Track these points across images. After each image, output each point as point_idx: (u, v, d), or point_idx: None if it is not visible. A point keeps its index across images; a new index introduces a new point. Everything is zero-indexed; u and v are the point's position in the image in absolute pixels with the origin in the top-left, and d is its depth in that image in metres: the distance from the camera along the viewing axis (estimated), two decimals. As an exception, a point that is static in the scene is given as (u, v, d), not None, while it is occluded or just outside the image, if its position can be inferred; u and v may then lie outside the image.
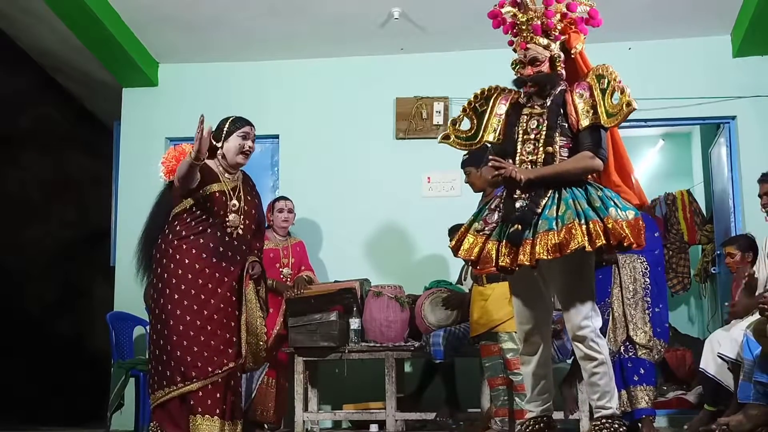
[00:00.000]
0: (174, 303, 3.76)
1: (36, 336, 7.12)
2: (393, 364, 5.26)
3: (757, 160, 5.83)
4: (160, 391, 3.77)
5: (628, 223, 3.13)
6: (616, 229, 3.08)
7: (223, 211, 3.91)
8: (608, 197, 3.22)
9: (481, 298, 4.52)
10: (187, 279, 3.77)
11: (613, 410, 3.31)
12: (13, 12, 6.05)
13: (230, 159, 3.96)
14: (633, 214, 3.17)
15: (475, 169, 4.64)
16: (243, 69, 6.69)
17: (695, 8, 5.84)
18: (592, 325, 3.29)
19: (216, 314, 3.80)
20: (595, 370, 3.30)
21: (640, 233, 3.15)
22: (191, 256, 3.81)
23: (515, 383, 4.46)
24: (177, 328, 3.74)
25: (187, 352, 3.72)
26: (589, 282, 3.34)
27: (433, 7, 5.83)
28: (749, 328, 4.38)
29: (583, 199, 3.21)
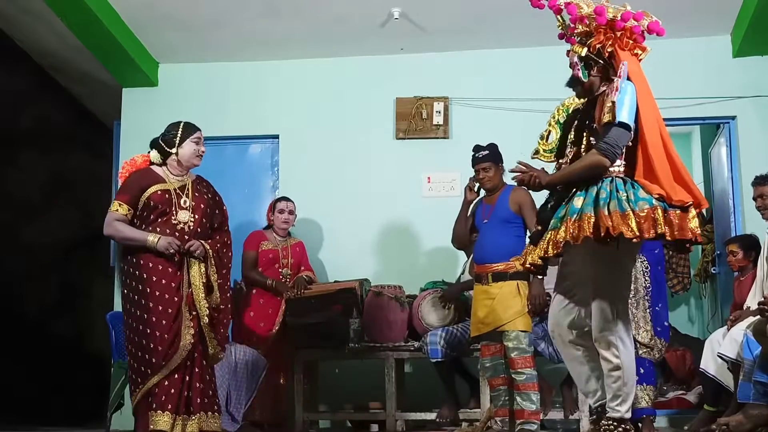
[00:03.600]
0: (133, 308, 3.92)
1: (36, 336, 7.13)
2: (393, 364, 5.27)
3: (757, 160, 5.83)
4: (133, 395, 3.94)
5: (635, 215, 3.12)
6: (604, 221, 3.10)
7: (169, 209, 4.03)
8: (621, 190, 3.22)
9: (487, 297, 4.51)
10: (140, 284, 3.92)
11: (622, 414, 3.34)
12: (13, 12, 6.05)
13: (186, 162, 4.16)
14: (647, 205, 3.14)
15: (495, 165, 4.64)
16: (243, 69, 6.69)
17: (695, 8, 5.84)
18: (615, 329, 3.31)
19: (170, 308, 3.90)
20: (611, 374, 3.35)
21: (656, 223, 3.12)
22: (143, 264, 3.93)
23: (517, 382, 4.46)
24: (137, 330, 3.90)
25: (144, 351, 3.87)
26: (615, 283, 3.35)
27: (433, 7, 5.83)
28: (749, 328, 4.38)
29: (591, 196, 3.24)
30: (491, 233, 4.53)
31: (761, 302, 4.10)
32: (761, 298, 4.35)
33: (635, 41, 3.42)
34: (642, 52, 3.45)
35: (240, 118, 6.62)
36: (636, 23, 3.37)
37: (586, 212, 3.19)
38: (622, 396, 3.33)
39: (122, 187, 4.05)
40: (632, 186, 3.25)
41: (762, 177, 4.94)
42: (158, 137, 4.23)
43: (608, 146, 3.26)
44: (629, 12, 3.36)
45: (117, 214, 3.97)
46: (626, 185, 3.25)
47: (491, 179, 4.66)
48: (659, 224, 3.12)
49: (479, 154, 4.70)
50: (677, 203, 3.17)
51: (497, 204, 4.62)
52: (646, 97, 3.33)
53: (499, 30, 6.19)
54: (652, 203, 3.16)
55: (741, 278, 5.26)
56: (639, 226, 3.11)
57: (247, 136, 6.68)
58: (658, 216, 3.13)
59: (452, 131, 6.42)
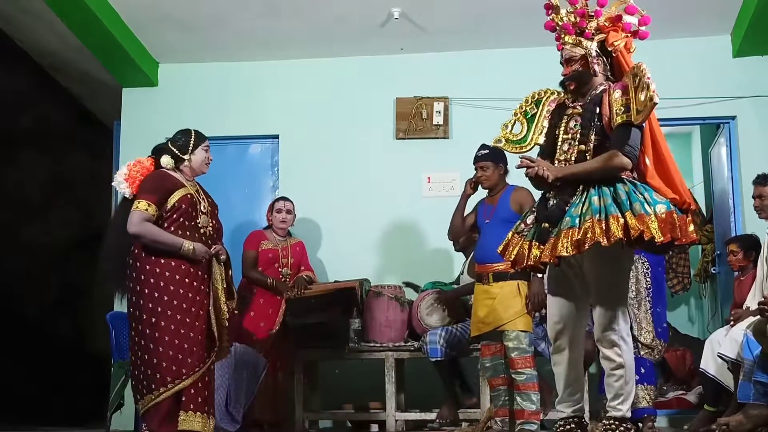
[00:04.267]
0: (160, 308, 3.89)
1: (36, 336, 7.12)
2: (393, 364, 5.27)
3: (757, 160, 5.82)
4: (150, 395, 3.86)
5: (657, 218, 3.12)
6: (635, 224, 3.09)
7: (195, 213, 4.09)
8: (638, 192, 3.22)
9: (488, 296, 4.51)
10: (170, 285, 3.92)
11: (623, 413, 3.35)
12: (13, 12, 6.05)
13: (197, 169, 4.25)
14: (664, 209, 3.15)
15: (494, 165, 4.64)
16: (243, 69, 6.69)
17: (695, 8, 5.84)
18: (618, 329, 3.32)
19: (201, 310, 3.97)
20: (613, 373, 3.36)
21: (674, 227, 3.13)
22: (171, 266, 3.94)
23: (517, 382, 4.46)
24: (167, 330, 3.87)
25: (178, 351, 3.86)
26: (618, 284, 3.36)
27: (433, 7, 5.83)
28: (749, 328, 4.38)
29: (608, 196, 3.22)
30: (493, 233, 4.53)
31: (761, 302, 4.09)
32: (761, 298, 4.35)
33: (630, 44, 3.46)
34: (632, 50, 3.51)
35: (240, 118, 6.62)
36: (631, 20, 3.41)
37: (612, 213, 3.15)
38: (623, 395, 3.34)
39: (148, 187, 4.02)
40: (644, 188, 3.26)
41: (763, 176, 4.93)
42: (166, 143, 4.25)
43: (632, 149, 3.26)
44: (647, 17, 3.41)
45: (146, 214, 3.93)
46: (638, 187, 3.26)
47: (489, 178, 4.67)
48: (676, 228, 3.14)
49: (479, 152, 4.72)
50: (686, 206, 3.22)
51: (498, 204, 4.63)
52: None
53: (499, 30, 6.19)
54: (669, 207, 3.19)
55: (741, 278, 5.26)
56: (661, 229, 3.11)
57: (247, 136, 6.68)
58: (675, 220, 3.16)
59: (452, 131, 6.42)
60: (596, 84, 3.46)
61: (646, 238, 3.08)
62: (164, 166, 4.15)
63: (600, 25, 3.43)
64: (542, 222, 3.35)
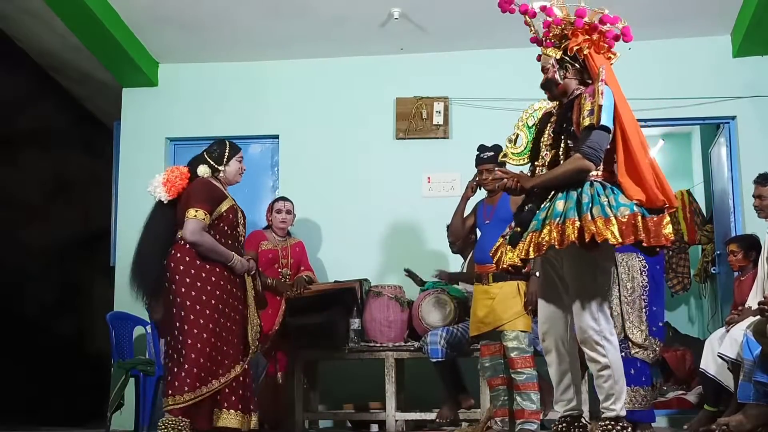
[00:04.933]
0: (206, 311, 4.03)
1: (36, 336, 7.12)
2: (393, 364, 5.27)
3: (757, 160, 5.83)
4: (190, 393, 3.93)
5: (617, 220, 3.13)
6: (589, 227, 3.13)
7: (236, 223, 4.29)
8: (604, 195, 3.23)
9: (487, 296, 4.51)
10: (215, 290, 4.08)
11: (617, 412, 3.33)
12: (12, 12, 6.05)
13: (231, 179, 4.40)
14: (627, 211, 3.16)
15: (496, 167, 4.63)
16: (243, 69, 6.69)
17: (695, 8, 5.84)
18: (597, 328, 3.31)
19: (238, 315, 4.18)
20: (600, 373, 3.35)
21: (635, 230, 3.14)
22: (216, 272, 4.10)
23: (517, 382, 4.46)
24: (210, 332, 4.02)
25: (218, 353, 4.03)
26: (597, 284, 3.36)
27: (433, 7, 5.83)
28: (749, 328, 4.37)
29: (573, 200, 3.26)
30: (492, 234, 4.52)
31: (761, 302, 4.10)
32: (761, 298, 4.35)
33: (609, 45, 3.45)
34: (614, 56, 3.50)
35: (240, 118, 6.63)
36: (611, 27, 3.40)
37: (570, 217, 3.20)
38: (615, 394, 3.34)
39: (201, 196, 4.14)
40: (612, 191, 3.26)
41: (764, 176, 4.92)
42: (202, 153, 4.37)
43: (592, 150, 3.26)
44: (607, 15, 3.39)
45: (203, 223, 4.08)
46: (606, 190, 3.26)
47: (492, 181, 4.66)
48: (639, 230, 3.14)
49: (484, 154, 4.70)
50: (658, 207, 3.19)
51: (498, 205, 4.63)
52: (622, 101, 3.35)
53: (499, 30, 6.18)
54: (633, 209, 3.18)
55: (741, 278, 5.26)
56: (621, 232, 3.13)
57: (247, 136, 6.67)
58: (638, 222, 3.16)
59: (452, 131, 6.42)
60: (572, 89, 3.50)
61: (599, 241, 3.12)
62: (200, 175, 4.26)
63: (564, 33, 3.45)
64: (516, 226, 3.44)
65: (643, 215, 3.19)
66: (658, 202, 3.24)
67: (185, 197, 4.18)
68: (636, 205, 3.19)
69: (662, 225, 3.19)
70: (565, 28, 3.44)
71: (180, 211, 4.17)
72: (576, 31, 3.41)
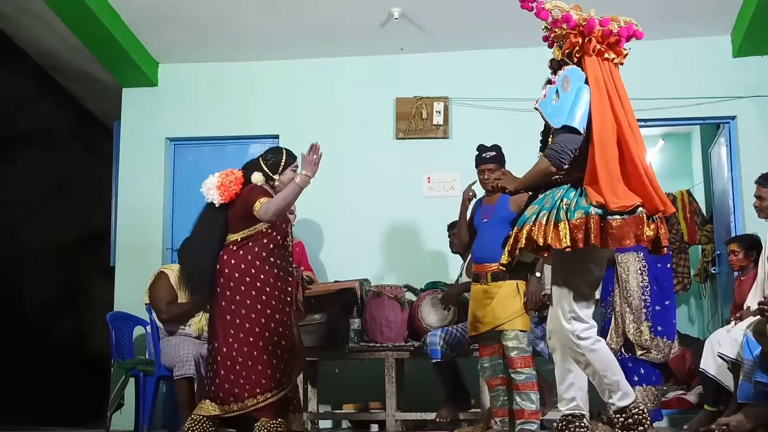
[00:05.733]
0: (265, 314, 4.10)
1: (36, 336, 7.12)
2: (393, 364, 5.27)
3: (757, 160, 5.83)
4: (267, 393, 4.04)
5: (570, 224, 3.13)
6: (539, 232, 3.17)
7: (288, 231, 4.36)
8: (567, 198, 3.22)
9: (486, 296, 4.50)
10: (273, 293, 4.14)
11: (617, 405, 3.33)
12: (13, 12, 6.05)
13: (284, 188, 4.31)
14: (581, 214, 3.13)
15: (497, 166, 4.62)
16: (243, 69, 6.69)
17: (695, 8, 5.84)
18: (570, 328, 3.32)
19: (290, 320, 4.25)
20: (586, 371, 3.37)
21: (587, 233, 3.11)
22: (274, 276, 4.17)
23: (517, 382, 4.45)
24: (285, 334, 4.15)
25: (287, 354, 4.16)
26: (570, 284, 3.34)
27: (433, 7, 5.83)
28: (749, 328, 4.37)
29: (539, 204, 3.29)
30: (491, 233, 4.53)
31: (761, 302, 4.09)
32: (761, 298, 4.35)
33: (608, 46, 3.39)
34: (617, 56, 3.43)
35: (240, 118, 6.63)
36: (602, 29, 3.34)
37: (527, 223, 3.24)
38: (609, 387, 3.34)
39: (262, 191, 4.18)
40: (579, 194, 3.24)
41: (764, 177, 4.92)
42: (257, 160, 4.37)
43: (553, 152, 3.24)
44: (593, 19, 3.34)
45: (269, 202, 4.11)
46: (575, 193, 3.25)
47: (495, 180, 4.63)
48: (591, 234, 3.11)
49: (485, 154, 4.68)
50: (616, 209, 3.13)
51: (498, 204, 4.62)
52: (602, 102, 3.27)
53: (499, 30, 6.19)
54: (588, 212, 3.14)
55: (742, 278, 5.26)
56: (572, 236, 3.12)
57: (247, 136, 6.68)
58: (591, 225, 3.12)
59: (452, 131, 6.42)
60: None
61: (542, 245, 3.15)
62: (254, 182, 4.24)
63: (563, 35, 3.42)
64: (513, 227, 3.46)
65: (602, 216, 3.13)
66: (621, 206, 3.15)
67: (240, 203, 4.17)
68: (595, 207, 3.14)
69: (633, 226, 3.13)
70: (561, 30, 3.42)
71: (233, 217, 4.18)
72: (569, 33, 3.38)
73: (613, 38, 3.39)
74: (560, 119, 3.25)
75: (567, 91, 3.27)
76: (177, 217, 6.64)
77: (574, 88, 3.27)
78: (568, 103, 3.25)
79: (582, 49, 3.36)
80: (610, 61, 3.41)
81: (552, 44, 3.50)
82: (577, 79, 3.29)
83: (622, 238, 3.13)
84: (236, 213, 4.17)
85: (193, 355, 4.89)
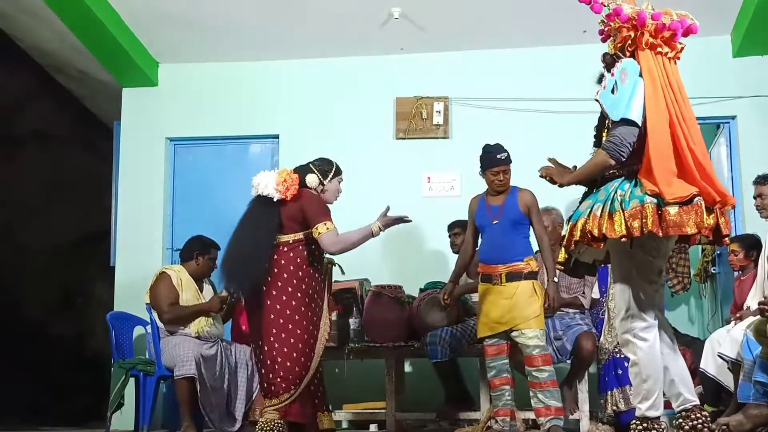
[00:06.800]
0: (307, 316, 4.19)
1: (36, 336, 7.12)
2: (393, 364, 5.26)
3: (757, 160, 5.82)
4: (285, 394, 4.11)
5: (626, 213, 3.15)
6: (593, 224, 3.19)
7: None
8: (622, 189, 3.25)
9: (501, 297, 4.46)
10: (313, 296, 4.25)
11: (642, 412, 3.37)
12: (13, 12, 6.05)
13: (329, 198, 4.47)
14: (637, 203, 3.15)
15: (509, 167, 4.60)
16: (243, 69, 6.69)
17: (695, 8, 5.75)
18: (629, 326, 3.34)
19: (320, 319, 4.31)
20: (630, 369, 3.41)
21: (641, 221, 3.13)
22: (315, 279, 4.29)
23: (540, 380, 4.41)
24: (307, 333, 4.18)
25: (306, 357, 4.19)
26: (629, 281, 3.35)
27: (433, 7, 5.83)
28: (749, 328, 4.37)
29: (594, 198, 3.30)
30: (504, 233, 4.50)
31: (761, 302, 4.09)
32: (761, 298, 4.35)
33: (663, 41, 3.38)
34: (672, 50, 3.42)
35: (240, 118, 6.63)
36: (655, 23, 3.34)
37: (582, 216, 3.25)
38: (641, 393, 3.36)
39: (323, 209, 4.27)
40: (635, 185, 3.26)
41: (764, 176, 4.93)
42: (308, 165, 4.44)
43: (612, 144, 3.25)
44: (644, 12, 3.34)
45: (336, 232, 4.25)
46: (630, 184, 3.26)
47: (506, 182, 4.62)
48: (648, 221, 3.12)
49: (500, 155, 4.58)
50: (672, 200, 3.14)
51: (506, 205, 4.58)
52: (655, 95, 3.29)
53: (499, 30, 6.19)
54: (642, 201, 3.16)
55: (742, 278, 5.26)
56: (627, 225, 3.14)
57: (247, 136, 6.68)
58: (647, 213, 3.13)
59: (452, 131, 6.42)
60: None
61: (598, 236, 3.17)
62: (309, 184, 4.33)
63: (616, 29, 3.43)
64: None
65: (659, 205, 3.15)
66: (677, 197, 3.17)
67: (298, 207, 4.23)
68: (650, 196, 3.16)
69: (689, 214, 3.14)
70: (615, 24, 3.41)
71: (287, 218, 4.23)
72: (621, 27, 3.38)
73: (667, 32, 3.38)
74: (618, 112, 3.27)
75: (625, 83, 3.29)
76: (177, 217, 6.65)
77: (631, 80, 3.28)
78: (625, 95, 3.26)
79: (634, 42, 3.37)
80: (663, 55, 3.40)
81: (606, 38, 3.50)
82: (633, 71, 3.30)
83: (682, 225, 3.13)
84: (291, 215, 4.23)
85: (194, 355, 4.89)
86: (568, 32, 6.15)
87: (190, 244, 5.41)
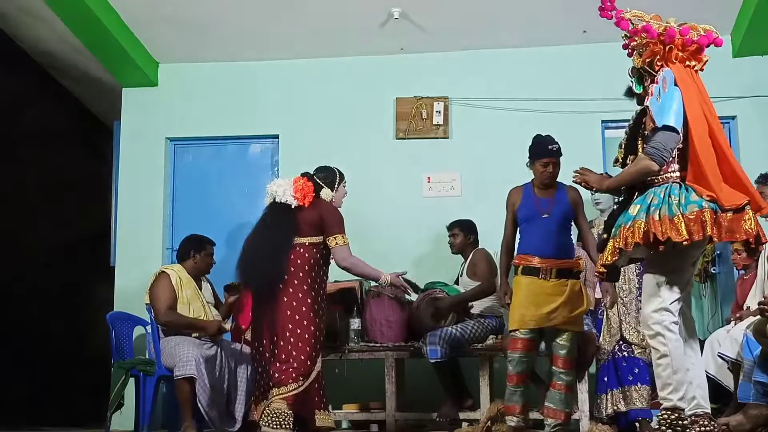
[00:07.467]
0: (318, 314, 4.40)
1: (36, 336, 7.11)
2: (393, 364, 5.26)
3: (757, 160, 5.83)
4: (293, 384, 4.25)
5: (685, 218, 3.23)
6: (655, 227, 3.25)
7: None
8: (673, 194, 3.32)
9: (553, 293, 4.34)
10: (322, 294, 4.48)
11: (674, 402, 3.37)
12: (12, 12, 6.05)
13: (338, 203, 4.74)
14: (696, 208, 3.24)
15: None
16: (243, 69, 6.69)
17: (695, 8, 5.83)
18: (658, 318, 3.39)
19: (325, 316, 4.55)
20: (658, 361, 3.42)
21: (703, 225, 3.21)
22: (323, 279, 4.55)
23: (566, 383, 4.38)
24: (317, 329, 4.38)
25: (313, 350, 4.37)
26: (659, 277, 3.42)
27: (433, 7, 5.83)
28: (749, 328, 4.38)
29: (645, 202, 3.37)
30: (556, 228, 4.43)
31: (761, 302, 4.10)
32: (761, 298, 4.35)
33: (690, 54, 3.60)
34: (698, 63, 3.65)
35: (240, 118, 6.63)
36: (683, 38, 3.53)
37: (638, 219, 3.32)
38: (672, 384, 3.39)
39: (339, 221, 4.55)
40: (686, 190, 3.34)
41: (765, 176, 4.95)
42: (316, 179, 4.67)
43: (655, 150, 3.35)
44: (672, 29, 3.53)
45: (349, 248, 4.54)
46: (680, 189, 3.35)
47: (555, 176, 4.52)
48: (707, 226, 3.22)
49: (553, 147, 4.47)
50: (729, 206, 3.24)
51: (557, 200, 4.49)
52: (693, 102, 3.45)
53: (499, 30, 6.19)
54: (701, 205, 3.26)
55: (745, 277, 5.26)
56: (688, 229, 3.22)
57: (247, 136, 6.68)
58: (706, 218, 3.23)
59: (452, 131, 6.42)
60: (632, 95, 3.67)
61: (662, 239, 3.22)
62: (323, 197, 4.60)
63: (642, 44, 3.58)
64: (604, 232, 3.58)
65: (715, 211, 3.25)
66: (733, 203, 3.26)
67: (317, 215, 4.48)
68: (707, 201, 3.26)
69: (741, 221, 3.24)
70: (644, 39, 3.55)
71: (304, 223, 4.45)
72: (650, 42, 3.54)
73: (694, 47, 3.56)
74: (662, 119, 3.37)
75: (666, 91, 3.43)
76: (177, 217, 6.65)
77: (670, 89, 3.42)
78: (666, 103, 3.40)
79: (663, 57, 3.52)
80: (691, 68, 3.60)
81: (632, 53, 3.65)
82: (671, 80, 3.45)
83: (735, 231, 3.25)
84: (309, 221, 4.47)
85: (194, 355, 4.89)
86: (568, 32, 6.15)
87: (185, 244, 5.43)
